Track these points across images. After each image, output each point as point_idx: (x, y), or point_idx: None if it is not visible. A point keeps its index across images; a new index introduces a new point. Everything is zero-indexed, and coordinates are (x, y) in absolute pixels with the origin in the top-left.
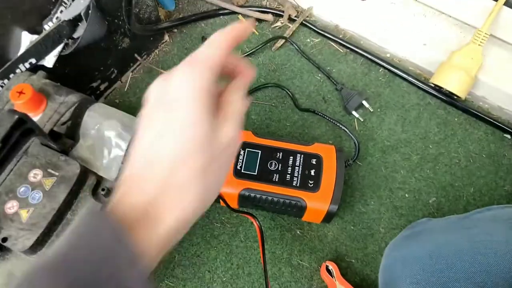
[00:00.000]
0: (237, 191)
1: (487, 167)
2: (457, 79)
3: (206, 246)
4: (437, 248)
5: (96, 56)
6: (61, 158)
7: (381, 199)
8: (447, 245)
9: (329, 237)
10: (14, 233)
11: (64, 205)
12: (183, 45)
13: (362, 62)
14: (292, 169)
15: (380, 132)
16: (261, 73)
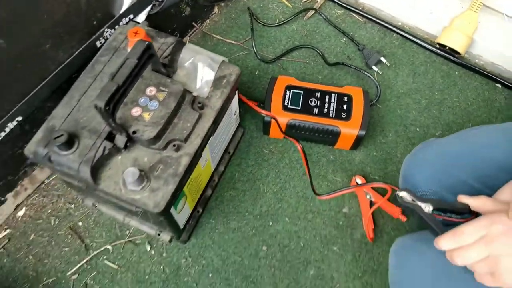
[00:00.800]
0: (286, 121)
1: (482, 109)
2: (458, 38)
3: (259, 167)
4: (443, 150)
5: (167, 20)
6: (167, 80)
7: (397, 133)
8: (452, 146)
9: (357, 160)
10: (141, 128)
11: (173, 112)
12: (229, 16)
13: (378, 29)
14: (328, 104)
15: (395, 82)
16: (295, 37)
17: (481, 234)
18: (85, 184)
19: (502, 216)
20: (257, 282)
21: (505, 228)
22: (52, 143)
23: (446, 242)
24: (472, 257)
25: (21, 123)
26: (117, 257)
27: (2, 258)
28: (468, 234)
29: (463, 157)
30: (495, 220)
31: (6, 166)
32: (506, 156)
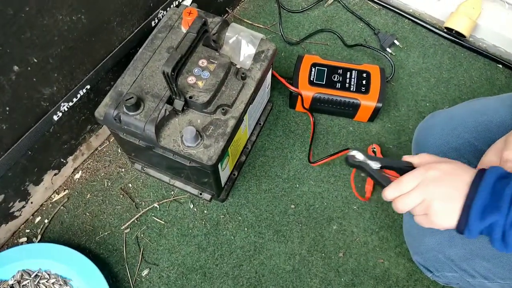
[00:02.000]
0: (312, 94)
1: (485, 86)
2: (463, 22)
3: (286, 137)
4: (450, 115)
5: (206, 4)
6: (216, 53)
7: (409, 107)
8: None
9: (373, 131)
10: (196, 94)
11: (222, 80)
12: (257, 3)
13: (392, 15)
14: (350, 80)
15: (407, 63)
16: (317, 22)
17: (418, 182)
18: (147, 143)
19: (437, 164)
20: (286, 235)
21: (438, 174)
22: (122, 105)
23: (390, 192)
24: (410, 202)
25: (88, 91)
26: (164, 214)
27: (62, 215)
28: (407, 182)
29: (468, 122)
30: (431, 167)
31: (72, 131)
32: (503, 120)
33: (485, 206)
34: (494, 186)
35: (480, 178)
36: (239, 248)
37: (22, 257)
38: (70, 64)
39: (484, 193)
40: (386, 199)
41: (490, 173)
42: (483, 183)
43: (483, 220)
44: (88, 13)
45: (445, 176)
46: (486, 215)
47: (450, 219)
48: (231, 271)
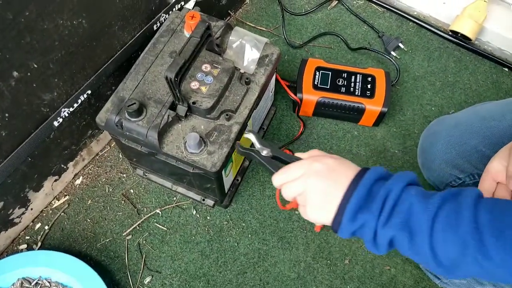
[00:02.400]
0: (316, 98)
1: (491, 90)
2: (469, 25)
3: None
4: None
5: (208, 8)
6: (220, 58)
7: (414, 111)
8: (464, 118)
9: (378, 136)
10: (199, 99)
11: (226, 85)
12: (259, 5)
13: (396, 18)
14: (354, 84)
15: (412, 66)
16: (320, 25)
17: (303, 172)
18: (150, 149)
19: (324, 158)
20: (291, 242)
21: (322, 168)
22: (124, 111)
23: (277, 177)
24: (292, 191)
25: (89, 96)
26: (166, 220)
27: (63, 221)
28: (293, 170)
29: (474, 127)
30: (317, 159)
31: (73, 136)
32: (510, 124)
33: (359, 207)
34: (371, 187)
35: (360, 178)
36: (243, 255)
37: (22, 265)
38: (70, 69)
39: (359, 194)
40: (274, 184)
41: (370, 173)
42: (361, 184)
43: (354, 221)
44: (89, 17)
45: (328, 170)
46: (358, 215)
47: (325, 216)
48: (235, 279)
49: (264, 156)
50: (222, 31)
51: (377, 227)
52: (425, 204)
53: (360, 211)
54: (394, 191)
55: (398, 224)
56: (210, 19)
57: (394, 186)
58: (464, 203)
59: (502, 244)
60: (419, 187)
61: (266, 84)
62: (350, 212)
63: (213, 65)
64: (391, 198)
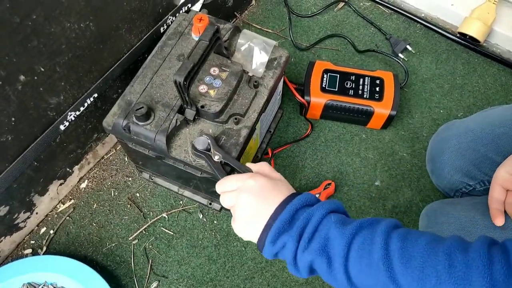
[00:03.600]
0: (324, 101)
1: (500, 93)
2: (477, 27)
3: (297, 145)
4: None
5: (215, 10)
6: (228, 61)
7: (423, 114)
8: (474, 125)
9: (386, 139)
10: (208, 103)
11: (234, 89)
12: (265, 7)
13: (403, 20)
14: (363, 86)
15: (420, 68)
16: (327, 27)
17: (238, 185)
18: (158, 153)
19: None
20: None
21: (255, 186)
22: (132, 115)
23: (218, 185)
24: (226, 202)
25: (96, 100)
26: (173, 224)
27: (68, 225)
28: (229, 181)
29: (484, 134)
30: (253, 176)
31: (79, 140)
32: None
33: (282, 229)
34: (296, 211)
35: (288, 201)
36: (251, 259)
37: (27, 270)
38: (77, 73)
39: (283, 217)
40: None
41: (298, 199)
42: (287, 208)
43: (275, 243)
44: (97, 20)
45: (261, 189)
46: (279, 237)
47: (251, 234)
48: (242, 284)
49: (215, 161)
50: (230, 33)
51: (297, 250)
52: (342, 230)
53: (282, 234)
54: (315, 217)
55: (317, 249)
56: (218, 21)
57: (316, 212)
58: (378, 230)
59: (409, 271)
60: (341, 214)
61: (275, 87)
62: (272, 234)
63: (221, 68)
64: (312, 223)
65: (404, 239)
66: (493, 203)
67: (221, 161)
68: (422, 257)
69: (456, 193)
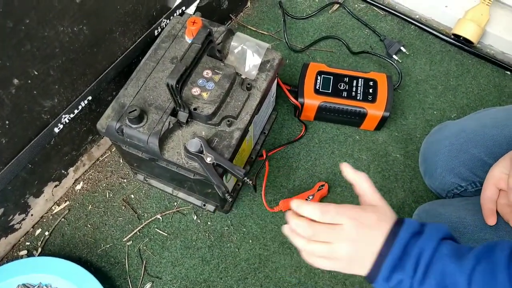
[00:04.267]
0: (317, 103)
1: (493, 94)
2: (471, 28)
3: (291, 146)
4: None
5: (209, 12)
6: (221, 64)
7: (416, 115)
8: (466, 126)
9: (380, 140)
10: (200, 105)
11: (227, 91)
12: (261, 9)
13: (398, 21)
14: (356, 88)
15: (413, 70)
16: (322, 29)
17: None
18: (151, 155)
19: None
20: (292, 247)
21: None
22: (125, 117)
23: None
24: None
25: (90, 102)
26: (167, 226)
27: (63, 227)
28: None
29: (476, 136)
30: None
31: (73, 142)
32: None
33: (394, 266)
34: (406, 245)
35: (395, 235)
36: (244, 260)
37: (22, 271)
38: (71, 76)
39: (394, 254)
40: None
41: (404, 231)
42: (396, 243)
43: (389, 281)
44: (90, 24)
45: (359, 228)
46: (393, 275)
47: (357, 271)
48: (235, 285)
49: (207, 163)
50: (224, 36)
51: (412, 285)
52: (459, 265)
53: (395, 271)
54: (427, 251)
55: (434, 285)
56: (211, 24)
57: (426, 245)
58: (499, 263)
59: None
60: (451, 242)
61: (268, 89)
62: (385, 271)
63: (214, 71)
64: (424, 258)
65: None
66: (486, 203)
67: (214, 163)
68: None
69: (448, 194)
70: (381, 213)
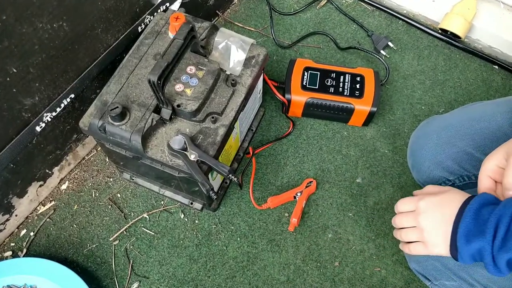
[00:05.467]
0: (304, 99)
1: (481, 88)
2: (458, 23)
3: (279, 143)
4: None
5: (195, 8)
6: (205, 60)
7: (404, 110)
8: (453, 120)
9: (368, 136)
10: (184, 102)
11: (211, 88)
12: (248, 5)
13: (385, 16)
14: (343, 84)
15: (401, 65)
16: (309, 24)
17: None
18: (134, 153)
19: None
20: (280, 244)
21: (425, 205)
22: (107, 115)
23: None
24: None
25: (73, 100)
26: (154, 225)
27: (48, 227)
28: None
29: (463, 129)
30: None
31: (57, 141)
32: (500, 126)
33: (469, 230)
34: (478, 211)
35: (466, 205)
36: (232, 258)
37: (7, 272)
38: (52, 73)
39: (467, 218)
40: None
41: (475, 200)
42: (467, 209)
43: (469, 243)
44: (70, 21)
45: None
46: (471, 238)
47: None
48: (224, 283)
49: (191, 161)
50: (208, 32)
51: (493, 251)
52: None
53: (472, 235)
54: (505, 217)
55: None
56: (195, 20)
57: (505, 212)
58: None
59: None
60: None
61: (253, 85)
62: (461, 236)
63: (198, 67)
64: (503, 223)
65: None
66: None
67: (198, 160)
68: None
69: None
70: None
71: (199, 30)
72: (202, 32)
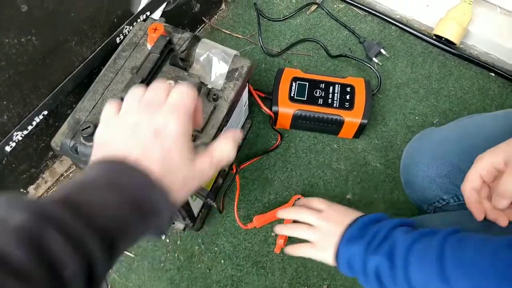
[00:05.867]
0: (292, 111)
1: (477, 97)
2: (453, 29)
3: (267, 156)
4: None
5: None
6: (185, 73)
7: (397, 121)
8: (448, 135)
9: (359, 148)
10: None
11: None
12: (236, 11)
13: (378, 22)
14: (332, 95)
15: (394, 73)
16: (299, 31)
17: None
18: None
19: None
20: (266, 267)
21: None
22: (79, 135)
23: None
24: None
25: (46, 117)
26: (134, 246)
27: None
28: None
29: (460, 145)
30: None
31: (31, 159)
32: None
33: (352, 235)
34: (367, 224)
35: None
36: (215, 282)
37: None
38: (21, 90)
39: (355, 227)
40: None
41: (368, 216)
42: (358, 220)
43: (348, 246)
44: (40, 34)
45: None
46: (351, 241)
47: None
48: None
49: None
50: (189, 43)
51: (366, 255)
52: (406, 236)
53: (352, 240)
54: (384, 229)
55: (384, 253)
56: (175, 30)
57: (384, 225)
58: (438, 233)
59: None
60: (409, 227)
61: (236, 99)
62: (344, 240)
63: (177, 81)
64: (381, 233)
65: (459, 240)
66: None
67: None
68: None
69: (429, 207)
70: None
71: (179, 41)
72: (182, 44)
